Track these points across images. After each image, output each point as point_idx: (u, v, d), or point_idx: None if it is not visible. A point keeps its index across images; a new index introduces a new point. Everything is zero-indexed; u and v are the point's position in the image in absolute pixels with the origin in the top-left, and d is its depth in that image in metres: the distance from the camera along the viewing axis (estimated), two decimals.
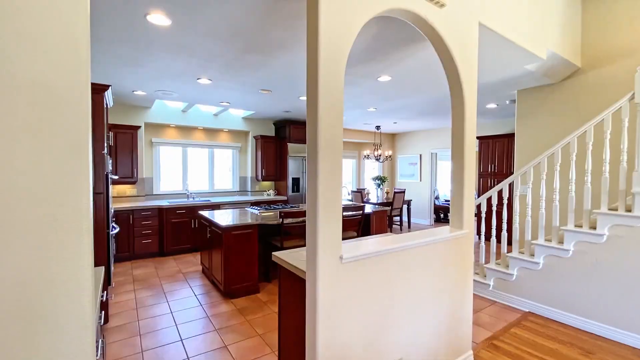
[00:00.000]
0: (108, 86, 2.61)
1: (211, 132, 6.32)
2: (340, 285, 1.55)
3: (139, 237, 4.84)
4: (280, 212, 3.43)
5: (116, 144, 4.87)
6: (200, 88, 4.10)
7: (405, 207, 8.02)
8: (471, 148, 2.23)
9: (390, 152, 7.46)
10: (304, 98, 4.60)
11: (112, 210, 3.25)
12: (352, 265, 1.59)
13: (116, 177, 3.30)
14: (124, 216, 4.70)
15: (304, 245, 3.86)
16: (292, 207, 4.68)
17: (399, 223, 7.53)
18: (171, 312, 3.11)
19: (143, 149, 5.40)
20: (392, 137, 9.09)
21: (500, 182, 6.03)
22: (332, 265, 1.51)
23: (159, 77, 3.63)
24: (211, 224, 3.72)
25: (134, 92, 4.33)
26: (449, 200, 9.71)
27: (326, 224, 1.47)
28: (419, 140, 8.34)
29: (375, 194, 7.66)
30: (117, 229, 3.19)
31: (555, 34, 3.22)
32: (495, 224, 3.37)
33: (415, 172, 8.42)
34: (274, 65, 3.22)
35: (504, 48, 2.73)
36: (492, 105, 5.11)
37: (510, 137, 5.87)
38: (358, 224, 4.14)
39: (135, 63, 3.16)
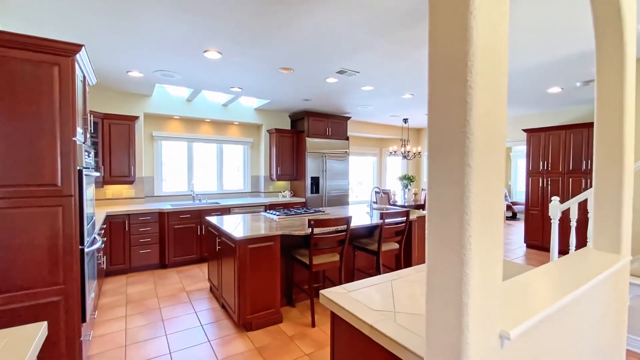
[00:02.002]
0: (80, 46, 1.88)
1: (220, 125, 5.58)
2: None
3: (136, 246, 4.12)
4: (309, 221, 2.66)
5: (110, 137, 4.16)
6: (207, 66, 3.35)
7: None
8: (630, 129, 1.42)
9: (419, 148, 6.64)
10: (332, 80, 3.82)
11: (93, 218, 2.51)
12: (516, 344, 0.80)
13: (97, 175, 2.56)
14: (118, 222, 3.99)
15: (338, 262, 3.08)
16: (316, 211, 3.91)
17: None
18: (170, 353, 2.35)
19: (142, 143, 4.69)
20: (418, 132, 8.26)
21: (555, 181, 5.16)
22: (487, 351, 0.72)
23: (157, 49, 2.89)
24: (221, 233, 2.96)
25: (129, 73, 3.60)
26: None
27: (481, 279, 0.69)
28: None
29: (401, 196, 6.86)
30: (99, 243, 2.45)
31: None
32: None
33: None
34: (301, 27, 2.44)
35: None
36: (555, 90, 4.27)
37: (570, 128, 4.99)
38: (402, 234, 3.35)
39: (123, 24, 2.42)
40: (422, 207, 6.20)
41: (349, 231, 2.87)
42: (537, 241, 5.44)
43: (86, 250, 2.04)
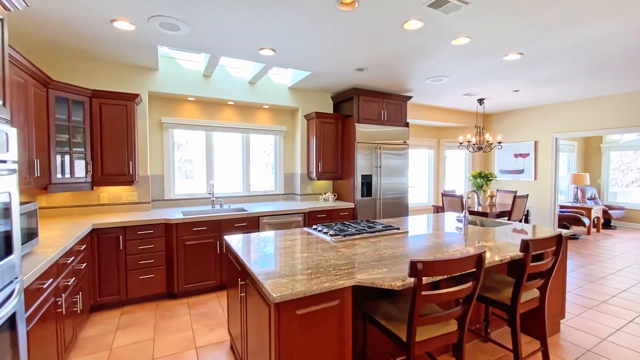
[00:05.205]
0: None
1: (245, 109, 4.41)
2: None
3: (134, 270, 3.03)
4: (415, 264, 1.35)
5: (101, 122, 3.09)
6: (227, 6, 2.13)
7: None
8: None
9: (499, 137, 5.11)
10: (414, 24, 2.47)
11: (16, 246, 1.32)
12: None
13: (10, 169, 1.38)
14: (109, 237, 2.91)
15: (457, 334, 1.44)
16: (386, 227, 2.58)
17: None
18: None
19: (147, 131, 3.60)
20: (487, 117, 6.67)
21: None
22: None
23: None
24: (247, 273, 1.74)
25: (114, 24, 2.47)
26: (567, 208, 6.87)
27: None
28: (534, 121, 5.86)
29: (475, 199, 5.38)
30: (16, 300, 1.28)
31: None
32: None
33: (526, 166, 5.95)
34: None
35: None
36: None
37: None
38: (549, 274, 1.96)
39: None
40: (505, 215, 4.68)
41: (480, 280, 1.53)
42: None
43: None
